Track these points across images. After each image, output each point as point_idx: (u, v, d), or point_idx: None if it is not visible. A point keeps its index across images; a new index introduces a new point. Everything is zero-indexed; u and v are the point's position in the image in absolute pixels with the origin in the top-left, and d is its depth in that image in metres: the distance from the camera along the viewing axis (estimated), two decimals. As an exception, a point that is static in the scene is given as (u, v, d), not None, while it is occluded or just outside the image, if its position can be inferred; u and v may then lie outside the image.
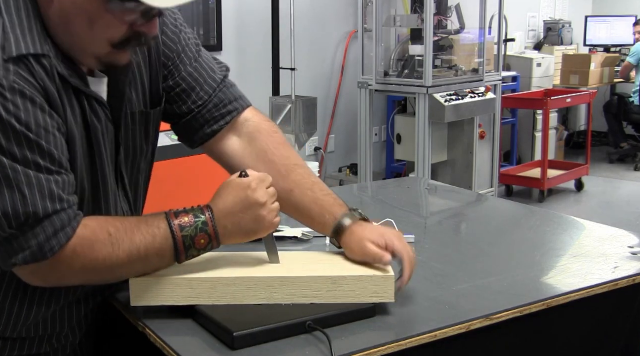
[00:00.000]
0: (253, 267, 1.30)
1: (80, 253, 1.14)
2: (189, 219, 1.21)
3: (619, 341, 1.51)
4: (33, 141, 1.09)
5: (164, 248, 1.20)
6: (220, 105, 1.43)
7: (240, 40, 5.25)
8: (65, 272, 1.16)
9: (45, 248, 1.11)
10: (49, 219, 1.11)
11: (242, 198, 1.24)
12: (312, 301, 1.25)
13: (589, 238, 1.77)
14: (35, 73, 1.10)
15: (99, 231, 1.16)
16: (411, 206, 2.21)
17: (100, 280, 1.24)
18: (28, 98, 1.08)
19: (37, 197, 1.09)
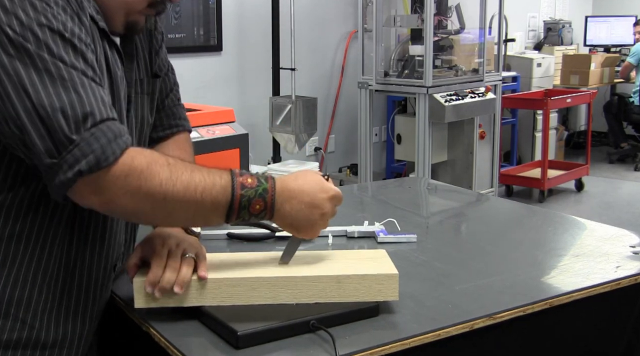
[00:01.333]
0: (257, 267, 1.30)
1: (138, 167, 1.11)
2: (252, 181, 1.20)
3: (621, 340, 1.51)
4: (79, 50, 1.11)
5: (219, 198, 1.17)
6: (172, 116, 1.53)
7: (240, 40, 5.25)
8: (121, 188, 1.10)
9: (108, 151, 1.08)
10: (106, 123, 1.09)
11: (314, 194, 1.25)
12: (316, 301, 1.25)
13: (591, 238, 1.77)
14: (72, 2, 1.14)
15: (157, 157, 1.15)
16: (412, 206, 2.22)
17: (152, 209, 1.15)
18: (69, 14, 1.12)
19: (92, 99, 1.09)
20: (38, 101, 1.06)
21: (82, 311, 1.29)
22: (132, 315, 1.29)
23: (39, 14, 1.08)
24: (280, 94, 5.12)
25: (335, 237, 1.72)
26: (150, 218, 1.25)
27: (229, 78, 5.21)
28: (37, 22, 1.08)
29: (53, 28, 1.09)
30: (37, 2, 1.09)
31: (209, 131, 3.59)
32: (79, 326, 1.29)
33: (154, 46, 1.45)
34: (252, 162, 4.10)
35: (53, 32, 1.09)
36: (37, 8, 1.08)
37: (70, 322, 1.27)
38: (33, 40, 1.07)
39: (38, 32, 1.07)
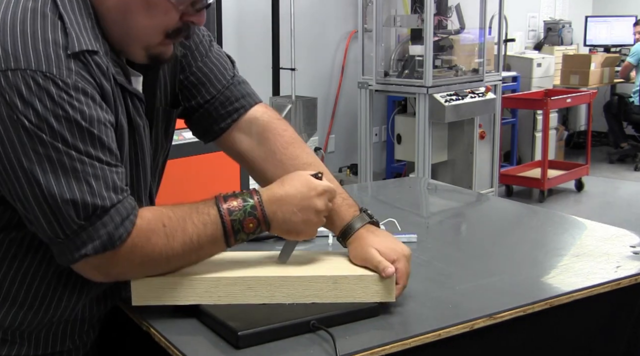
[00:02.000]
0: (254, 266, 1.31)
1: (139, 245, 1.15)
2: (238, 203, 1.22)
3: (622, 339, 1.51)
4: (96, 136, 1.11)
5: (215, 234, 1.21)
6: (226, 102, 1.44)
7: (240, 40, 5.25)
8: (126, 265, 1.16)
9: (115, 236, 1.12)
10: (115, 208, 1.12)
11: (302, 195, 1.25)
12: (313, 301, 1.25)
13: (591, 238, 1.77)
14: (93, 71, 1.13)
15: (154, 222, 1.17)
16: (412, 206, 2.22)
17: (157, 271, 1.23)
18: (89, 95, 1.11)
19: (103, 188, 1.11)
20: (48, 191, 1.09)
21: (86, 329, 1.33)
22: (132, 315, 1.29)
23: (56, 105, 1.08)
24: (280, 94, 5.12)
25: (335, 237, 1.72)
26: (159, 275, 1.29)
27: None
28: (54, 114, 1.08)
29: (69, 118, 1.09)
30: (55, 90, 1.08)
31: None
32: (78, 341, 1.32)
33: (177, 68, 1.41)
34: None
35: (69, 121, 1.09)
36: (55, 98, 1.08)
37: (71, 340, 1.31)
38: (48, 131, 1.08)
39: (54, 123, 1.08)
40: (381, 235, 1.35)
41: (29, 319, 1.24)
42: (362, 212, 1.37)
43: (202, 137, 1.50)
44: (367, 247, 1.31)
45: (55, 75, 1.08)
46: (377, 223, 1.38)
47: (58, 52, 1.10)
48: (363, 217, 1.36)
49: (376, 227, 1.37)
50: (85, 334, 1.33)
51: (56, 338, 1.29)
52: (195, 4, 1.22)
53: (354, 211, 1.37)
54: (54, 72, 1.08)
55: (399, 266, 1.28)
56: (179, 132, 1.55)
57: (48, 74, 1.08)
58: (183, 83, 1.43)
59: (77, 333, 1.31)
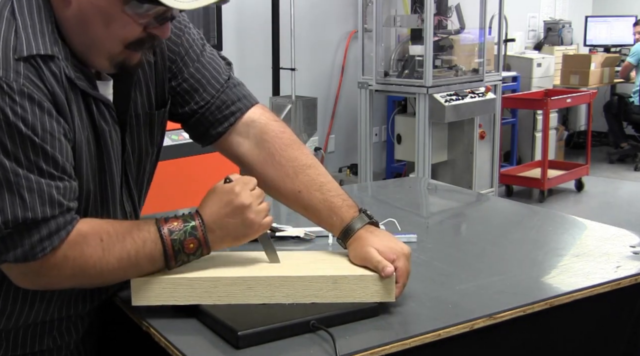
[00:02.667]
0: (254, 266, 1.31)
1: (70, 258, 1.15)
2: (178, 224, 1.22)
3: (621, 339, 1.51)
4: (38, 145, 1.09)
5: (153, 253, 1.20)
6: (222, 106, 1.42)
7: (240, 40, 5.25)
8: (54, 276, 1.16)
9: (37, 248, 1.12)
10: (46, 223, 1.12)
11: (226, 203, 1.24)
12: (312, 301, 1.25)
13: (591, 238, 1.77)
14: (44, 77, 1.11)
15: (90, 237, 1.17)
16: (412, 206, 2.22)
17: (90, 284, 1.25)
18: (36, 102, 1.09)
19: (37, 201, 1.10)
20: None
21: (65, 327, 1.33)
22: (132, 315, 1.29)
23: None
24: (280, 94, 5.12)
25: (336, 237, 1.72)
26: (91, 287, 1.29)
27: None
28: None
29: (10, 124, 1.07)
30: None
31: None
32: (58, 340, 1.32)
33: (165, 72, 1.38)
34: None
35: (10, 127, 1.07)
36: None
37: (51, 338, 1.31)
38: None
39: None
40: (380, 235, 1.35)
41: (3, 322, 1.25)
42: (362, 213, 1.37)
43: (199, 141, 1.49)
44: (366, 247, 1.31)
45: (1, 77, 1.07)
46: (377, 223, 1.38)
47: (7, 54, 1.09)
48: (363, 218, 1.36)
49: (376, 227, 1.37)
50: (66, 333, 1.33)
51: (34, 338, 1.29)
52: (158, 17, 1.18)
53: (354, 212, 1.37)
54: (0, 75, 1.07)
55: (398, 265, 1.28)
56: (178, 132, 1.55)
57: None
58: (176, 89, 1.40)
59: (55, 332, 1.31)
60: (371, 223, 1.37)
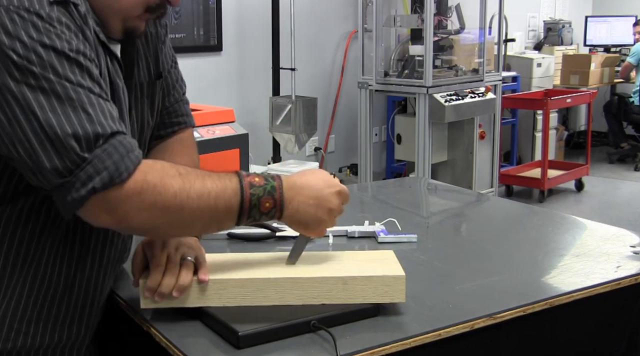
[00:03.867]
0: (263, 267, 1.30)
1: (151, 183, 1.11)
2: (260, 180, 1.20)
3: (622, 339, 1.52)
4: (84, 68, 1.10)
5: (232, 201, 1.17)
6: (173, 114, 1.48)
7: (240, 40, 5.25)
8: (135, 204, 1.10)
9: (121, 167, 1.08)
10: (117, 138, 1.09)
11: (320, 189, 1.25)
12: (322, 302, 1.25)
13: (591, 238, 1.77)
14: (75, 17, 1.12)
15: (168, 167, 1.15)
16: (412, 206, 2.22)
17: (168, 221, 1.15)
18: (72, 31, 1.11)
19: (101, 116, 1.09)
20: (47, 123, 1.06)
21: (79, 319, 1.30)
22: (133, 315, 1.29)
23: (42, 34, 1.07)
24: (280, 94, 5.11)
25: (336, 236, 1.72)
26: (167, 232, 1.24)
27: (229, 78, 5.21)
28: (41, 44, 1.07)
29: (57, 48, 1.08)
30: (40, 22, 1.08)
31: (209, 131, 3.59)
32: (74, 333, 1.30)
33: (159, 45, 1.43)
34: (252, 162, 4.10)
35: (57, 52, 1.08)
36: (40, 29, 1.07)
37: (65, 330, 1.28)
38: (38, 62, 1.06)
39: (42, 53, 1.07)
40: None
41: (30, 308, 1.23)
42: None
43: None
44: None
45: (38, 9, 1.08)
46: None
47: None
48: None
49: None
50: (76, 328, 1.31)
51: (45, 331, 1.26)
52: None
53: None
54: (37, 7, 1.08)
55: None
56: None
57: (31, 9, 1.07)
58: None
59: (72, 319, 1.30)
60: None
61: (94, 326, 1.35)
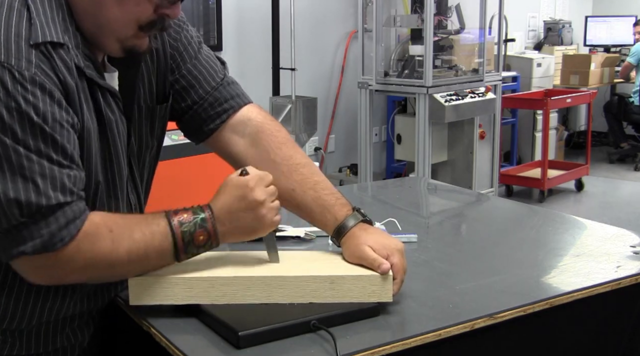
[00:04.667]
0: (251, 266, 1.31)
1: (83, 249, 1.13)
2: (188, 216, 1.21)
3: (622, 339, 1.52)
4: (48, 134, 1.09)
5: (163, 245, 1.19)
6: (216, 103, 1.44)
7: (240, 40, 5.25)
8: (68, 267, 1.14)
9: (56, 237, 1.10)
10: (61, 210, 1.11)
11: (240, 197, 1.24)
12: (310, 301, 1.25)
13: (591, 238, 1.77)
14: (56, 66, 1.12)
15: (101, 227, 1.16)
16: (412, 206, 2.22)
17: (101, 278, 1.23)
18: (47, 91, 1.10)
19: (50, 187, 1.09)
20: None
21: (77, 325, 1.32)
22: (133, 315, 1.29)
23: (9, 97, 1.07)
24: (280, 94, 5.11)
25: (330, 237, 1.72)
26: (102, 281, 1.28)
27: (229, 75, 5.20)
28: (6, 106, 1.06)
29: (21, 111, 1.07)
30: (10, 82, 1.07)
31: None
32: (72, 338, 1.32)
33: (167, 67, 1.40)
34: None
35: (21, 115, 1.07)
36: (9, 90, 1.07)
37: (64, 336, 1.30)
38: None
39: (5, 115, 1.06)
40: (373, 232, 1.35)
41: (17, 320, 1.24)
42: (355, 211, 1.38)
43: (192, 138, 1.50)
44: (360, 245, 1.31)
45: (13, 66, 1.07)
46: (370, 221, 1.39)
47: (19, 43, 1.09)
48: (356, 216, 1.36)
49: (369, 225, 1.38)
50: (79, 331, 1.33)
51: (48, 337, 1.28)
52: None
53: (347, 210, 1.37)
54: (12, 63, 1.07)
55: (393, 261, 1.29)
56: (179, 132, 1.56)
57: (5, 64, 1.07)
58: (173, 86, 1.42)
59: (68, 329, 1.31)
60: (364, 221, 1.37)
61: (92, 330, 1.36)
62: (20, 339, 1.26)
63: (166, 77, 1.40)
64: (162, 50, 1.39)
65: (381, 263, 1.27)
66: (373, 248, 1.30)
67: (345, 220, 1.36)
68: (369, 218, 1.38)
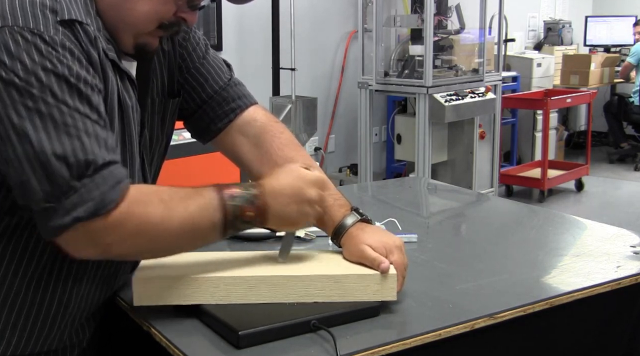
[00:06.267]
0: (255, 266, 1.31)
1: (135, 214, 1.11)
2: (239, 190, 1.21)
3: (622, 339, 1.51)
4: (84, 95, 1.10)
5: (213, 218, 1.18)
6: (223, 102, 1.48)
7: (240, 40, 5.25)
8: (118, 234, 1.11)
9: (107, 198, 1.08)
10: (108, 169, 1.09)
11: (297, 188, 1.25)
12: (314, 300, 1.25)
13: (591, 238, 1.77)
14: (81, 39, 1.13)
15: (152, 195, 1.15)
16: (412, 206, 2.22)
17: (151, 248, 1.19)
18: (76, 56, 1.11)
19: (95, 144, 1.08)
20: (39, 147, 1.06)
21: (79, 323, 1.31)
22: (133, 315, 1.29)
23: (44, 58, 1.07)
24: (280, 94, 5.12)
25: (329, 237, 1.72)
26: (150, 256, 1.26)
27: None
28: (42, 67, 1.07)
29: (58, 73, 1.08)
30: (43, 45, 1.08)
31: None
32: (74, 337, 1.31)
33: (176, 64, 1.43)
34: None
35: (58, 76, 1.08)
36: (43, 52, 1.07)
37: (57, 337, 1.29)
38: (37, 85, 1.06)
39: (42, 76, 1.07)
40: (372, 231, 1.36)
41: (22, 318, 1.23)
42: (353, 211, 1.38)
43: (200, 138, 1.52)
44: (359, 245, 1.32)
45: (43, 32, 1.08)
46: (369, 220, 1.39)
47: (46, 13, 1.10)
48: (354, 215, 1.37)
49: (367, 224, 1.38)
50: (81, 330, 1.32)
51: (50, 335, 1.27)
52: (191, 1, 1.25)
53: (345, 210, 1.38)
54: (42, 29, 1.08)
55: (393, 259, 1.29)
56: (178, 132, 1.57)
57: (36, 30, 1.08)
58: (183, 86, 1.45)
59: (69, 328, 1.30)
60: (363, 220, 1.37)
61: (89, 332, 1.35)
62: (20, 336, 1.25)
63: (175, 74, 1.43)
64: (172, 49, 1.42)
65: (381, 262, 1.28)
66: (372, 247, 1.31)
67: (343, 220, 1.36)
68: (367, 217, 1.39)
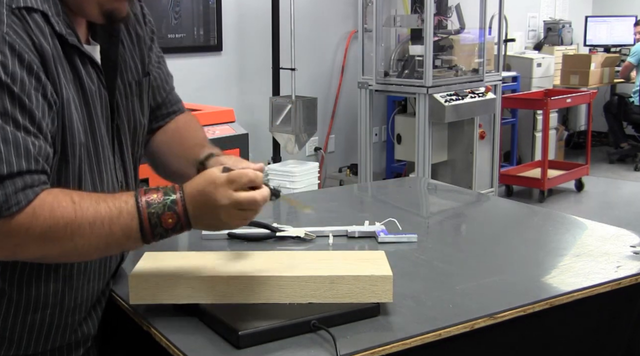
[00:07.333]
0: (252, 266, 1.31)
1: (41, 215, 1.09)
2: (158, 196, 1.16)
3: (622, 339, 1.52)
4: (16, 95, 1.07)
5: (129, 224, 1.15)
6: (168, 104, 1.54)
7: (240, 40, 5.25)
8: (23, 236, 1.09)
9: (11, 201, 1.06)
10: (21, 176, 1.07)
11: (206, 192, 1.17)
12: (310, 301, 1.25)
13: (591, 238, 1.77)
14: (30, 30, 1.11)
15: (62, 197, 1.12)
16: (412, 206, 2.22)
17: (60, 251, 1.15)
18: (17, 53, 1.08)
19: (13, 153, 1.06)
20: None
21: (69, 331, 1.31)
22: (133, 315, 1.29)
23: None
24: (280, 94, 5.11)
25: (336, 236, 1.72)
26: (60, 259, 1.22)
27: (229, 78, 5.20)
28: None
29: None
30: None
31: (209, 131, 3.59)
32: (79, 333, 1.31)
33: (145, 50, 1.43)
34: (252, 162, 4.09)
35: None
36: None
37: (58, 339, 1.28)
38: None
39: None
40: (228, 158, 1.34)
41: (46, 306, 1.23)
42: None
43: None
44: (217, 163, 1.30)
45: None
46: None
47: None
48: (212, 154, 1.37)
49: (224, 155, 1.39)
50: (85, 326, 1.32)
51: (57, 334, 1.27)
52: None
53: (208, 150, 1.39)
54: None
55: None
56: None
57: None
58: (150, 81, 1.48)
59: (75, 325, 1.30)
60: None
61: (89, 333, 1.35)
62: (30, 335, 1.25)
63: (144, 56, 1.43)
64: (142, 26, 1.43)
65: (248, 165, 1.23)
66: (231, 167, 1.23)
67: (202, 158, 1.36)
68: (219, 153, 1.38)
